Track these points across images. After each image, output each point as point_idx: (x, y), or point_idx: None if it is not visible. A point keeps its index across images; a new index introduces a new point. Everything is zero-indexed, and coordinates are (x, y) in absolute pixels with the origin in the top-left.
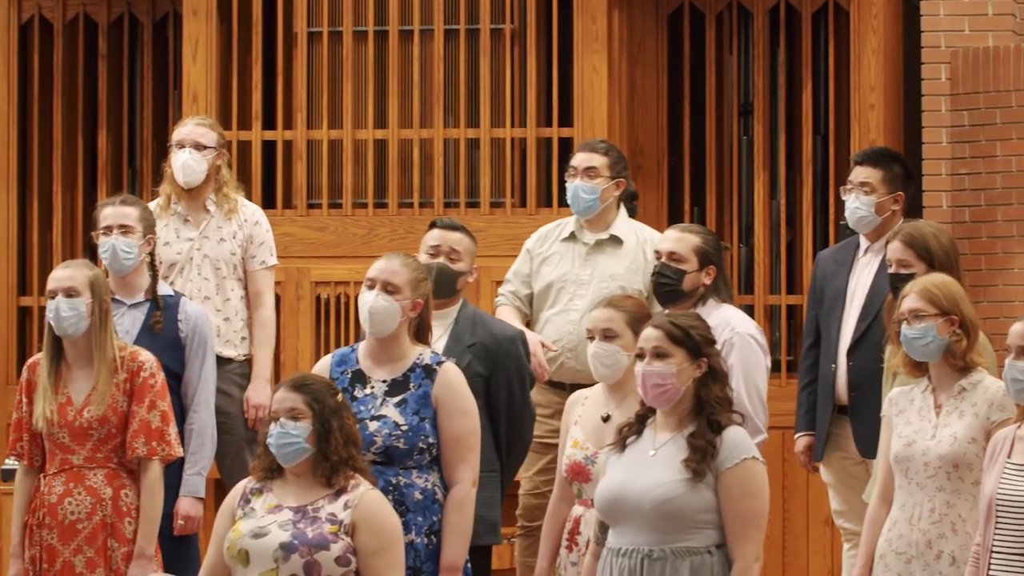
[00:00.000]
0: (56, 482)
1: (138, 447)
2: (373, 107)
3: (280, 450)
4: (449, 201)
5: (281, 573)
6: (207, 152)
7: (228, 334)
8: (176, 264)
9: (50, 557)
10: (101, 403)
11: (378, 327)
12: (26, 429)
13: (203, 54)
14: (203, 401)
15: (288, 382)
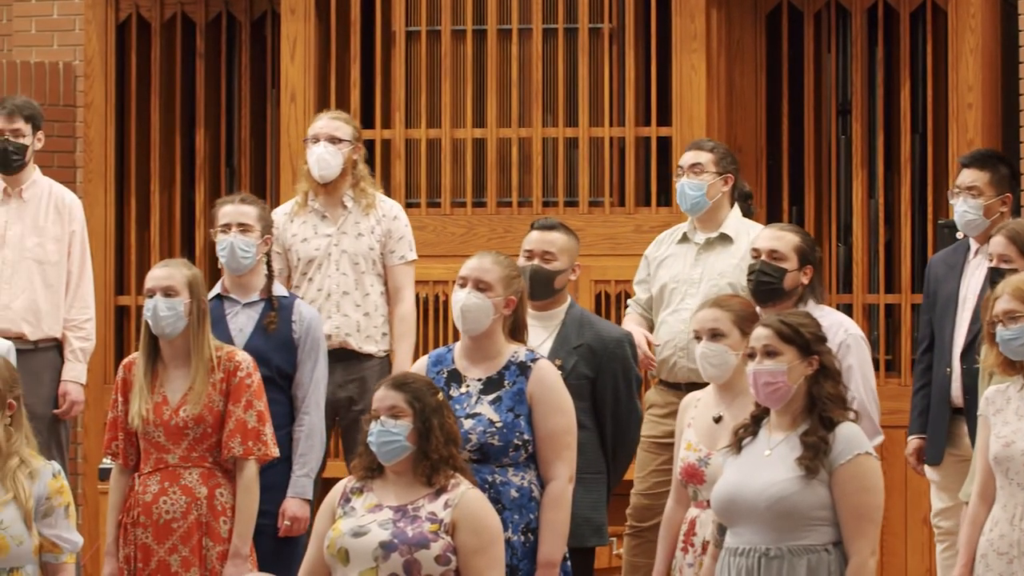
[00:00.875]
0: (151, 481)
1: (234, 447)
2: (472, 106)
3: (381, 448)
4: (548, 200)
5: (381, 572)
6: (342, 146)
7: (368, 330)
8: (314, 260)
9: (145, 556)
10: (197, 402)
11: (471, 325)
12: (121, 428)
13: (301, 53)
14: (314, 403)
15: (389, 380)
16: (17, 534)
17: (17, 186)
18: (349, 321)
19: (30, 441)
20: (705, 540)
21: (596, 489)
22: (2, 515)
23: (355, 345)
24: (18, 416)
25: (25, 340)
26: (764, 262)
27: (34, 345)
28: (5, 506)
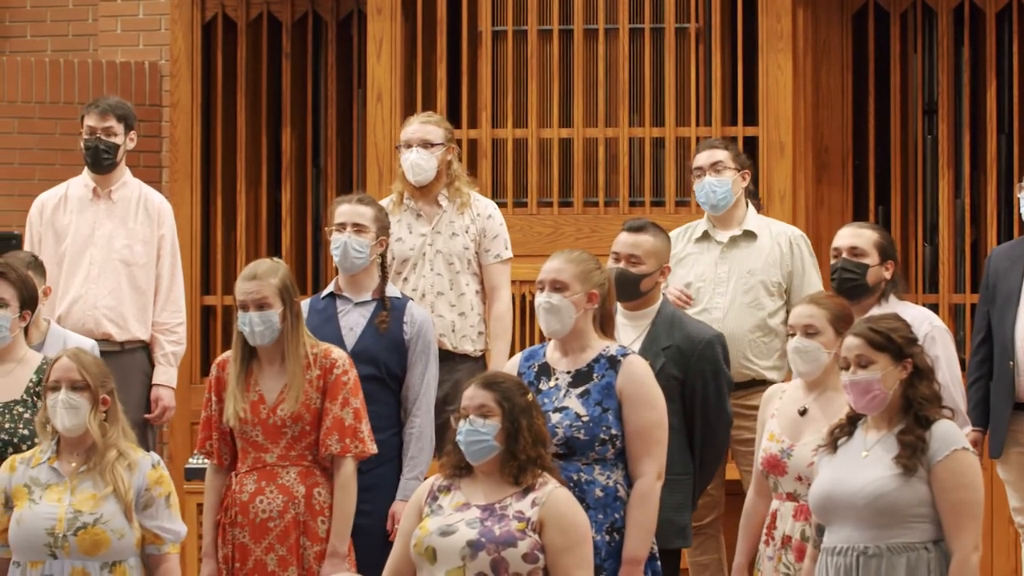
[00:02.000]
0: (248, 480)
1: (331, 444)
2: (558, 106)
3: (468, 447)
4: (634, 200)
5: (468, 571)
6: (435, 149)
7: (464, 329)
8: (409, 260)
9: (242, 556)
10: (295, 400)
11: (553, 326)
12: (215, 427)
13: (387, 53)
14: (424, 406)
15: (478, 379)
16: (118, 527)
17: (107, 187)
18: (444, 321)
19: (127, 434)
20: (785, 534)
21: (681, 490)
22: (101, 509)
23: (450, 345)
24: (113, 410)
25: (111, 341)
26: (846, 259)
27: (120, 346)
28: (104, 500)
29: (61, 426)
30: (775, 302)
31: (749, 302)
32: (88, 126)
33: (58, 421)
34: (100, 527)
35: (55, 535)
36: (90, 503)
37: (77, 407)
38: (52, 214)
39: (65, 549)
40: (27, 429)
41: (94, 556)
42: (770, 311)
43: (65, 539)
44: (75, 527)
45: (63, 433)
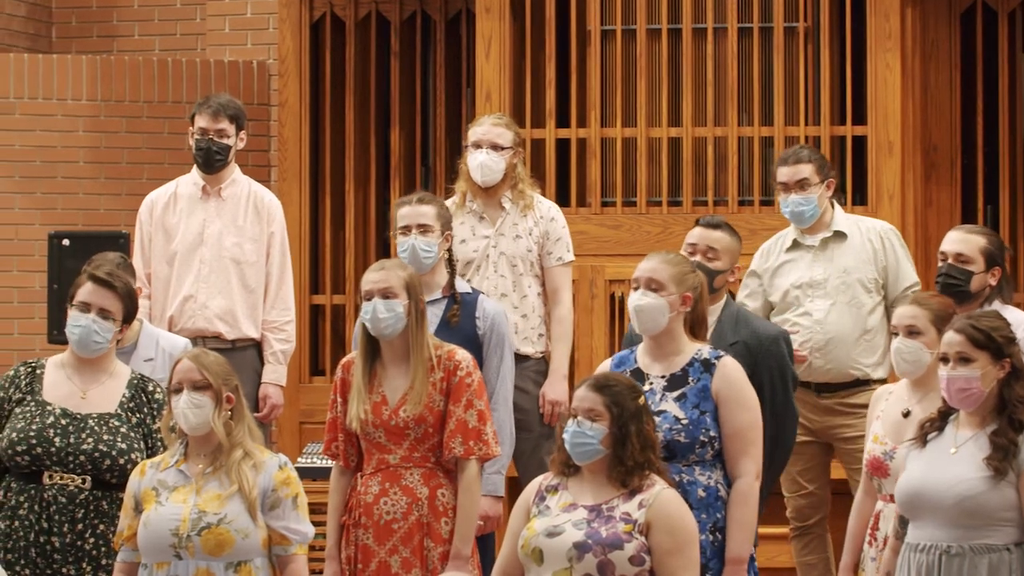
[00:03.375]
0: (372, 482)
1: (455, 447)
2: (667, 105)
3: (574, 449)
4: (743, 199)
5: (575, 572)
6: (504, 152)
7: (525, 331)
8: (472, 262)
9: (365, 557)
10: (418, 403)
11: (646, 325)
12: (341, 429)
13: (496, 52)
14: (501, 399)
15: (591, 381)
16: (242, 527)
17: (217, 185)
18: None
19: (254, 433)
20: (888, 534)
21: None
22: (226, 509)
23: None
24: (239, 409)
25: (222, 340)
26: (951, 265)
27: (231, 345)
28: (229, 499)
29: (186, 426)
30: (873, 299)
31: (848, 301)
32: (200, 127)
33: (183, 422)
34: (224, 527)
35: (179, 535)
36: (215, 503)
37: (201, 406)
38: (162, 213)
39: (189, 549)
40: (124, 443)
41: (218, 556)
42: (869, 308)
43: (189, 539)
44: (199, 527)
45: (189, 433)
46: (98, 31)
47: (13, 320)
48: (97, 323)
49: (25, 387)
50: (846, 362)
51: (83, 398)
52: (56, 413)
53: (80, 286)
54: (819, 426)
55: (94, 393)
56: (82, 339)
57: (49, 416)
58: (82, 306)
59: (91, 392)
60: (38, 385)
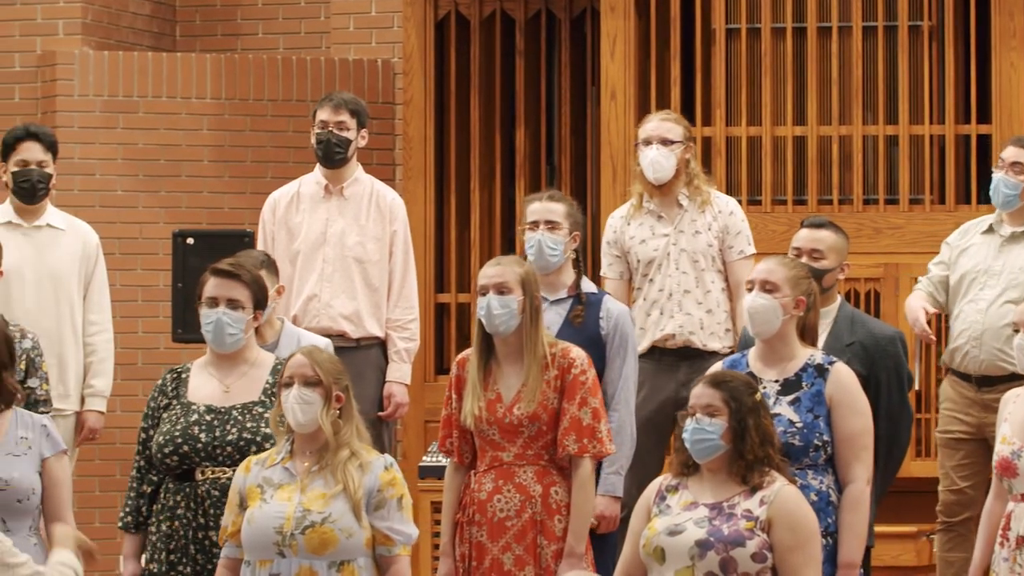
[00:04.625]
0: (486, 479)
1: (569, 444)
2: (792, 104)
3: (694, 446)
4: (868, 198)
5: (697, 571)
6: (675, 147)
7: (711, 327)
8: (654, 261)
9: (479, 555)
10: (532, 400)
11: (760, 327)
12: (455, 426)
13: (621, 50)
14: (623, 400)
15: (707, 378)
16: (346, 527)
17: (339, 183)
18: (692, 319)
19: (361, 434)
20: (1020, 535)
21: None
22: (330, 508)
23: (699, 343)
24: (347, 409)
25: (347, 338)
26: None
27: (356, 343)
28: (334, 499)
29: (294, 421)
30: None
31: (1016, 298)
32: (320, 120)
33: (291, 417)
34: (328, 526)
35: (283, 533)
36: (319, 502)
37: (310, 403)
38: (285, 212)
39: (293, 548)
40: (268, 428)
41: (322, 555)
42: None
43: (293, 537)
44: (303, 525)
45: (296, 429)
46: (222, 29)
47: (137, 319)
48: (228, 315)
49: (171, 392)
50: (995, 354)
51: (226, 392)
52: (200, 411)
53: (204, 283)
54: (977, 422)
55: (237, 385)
56: (216, 334)
57: (193, 414)
58: (210, 301)
59: (234, 385)
60: (183, 388)
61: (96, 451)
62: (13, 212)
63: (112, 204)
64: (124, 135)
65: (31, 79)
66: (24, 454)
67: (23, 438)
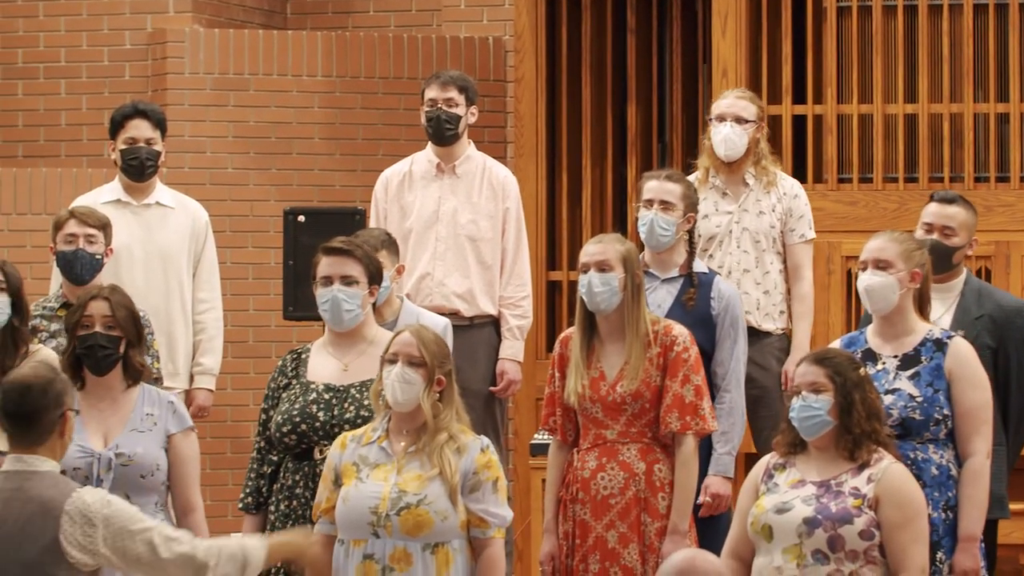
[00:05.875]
0: (589, 457)
1: (671, 422)
2: (903, 81)
3: (802, 423)
4: (979, 175)
5: (805, 548)
6: (748, 126)
7: (767, 307)
8: (715, 237)
9: (583, 532)
10: (634, 378)
11: (878, 304)
12: (559, 404)
13: (732, 28)
14: (735, 380)
15: (810, 356)
16: (441, 509)
17: (450, 161)
18: (749, 299)
19: (461, 417)
20: None
21: (996, 461)
22: (426, 490)
23: (755, 323)
24: (448, 392)
25: (460, 317)
26: None
27: (469, 322)
28: (430, 481)
29: (392, 399)
30: None
31: None
32: (429, 98)
33: (390, 394)
34: (423, 508)
35: (378, 514)
36: (415, 484)
37: (411, 383)
38: (397, 190)
39: (387, 528)
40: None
41: (416, 536)
42: None
43: (388, 518)
44: (398, 507)
45: (394, 407)
46: (333, 7)
47: (248, 296)
48: (343, 291)
49: (291, 372)
50: None
51: (345, 370)
52: (319, 390)
53: (317, 263)
54: None
55: (356, 364)
56: (333, 312)
57: (312, 393)
58: (324, 280)
59: (353, 363)
60: (303, 368)
61: (207, 429)
62: (122, 190)
63: (223, 182)
64: (235, 112)
65: (141, 57)
66: (149, 430)
67: (149, 414)
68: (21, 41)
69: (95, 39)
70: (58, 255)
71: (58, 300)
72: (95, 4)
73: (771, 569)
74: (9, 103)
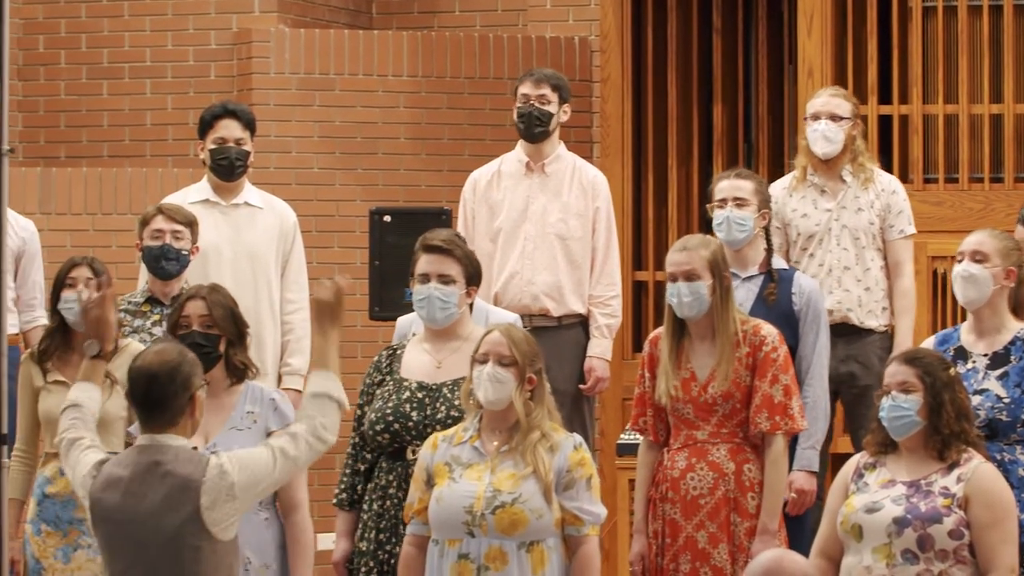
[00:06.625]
0: (679, 457)
1: (761, 422)
2: (988, 81)
3: (892, 423)
4: None
5: (894, 547)
6: (843, 123)
7: (869, 304)
8: (814, 236)
9: (673, 532)
10: (725, 379)
11: (970, 295)
12: (649, 404)
13: (818, 28)
14: (817, 375)
15: (900, 356)
16: (536, 507)
17: (540, 160)
18: (850, 296)
19: (553, 415)
20: None
21: None
22: (521, 489)
23: (856, 320)
24: (539, 390)
25: (548, 316)
26: None
27: (558, 321)
28: (524, 480)
29: (484, 399)
30: None
31: None
32: (522, 94)
33: (481, 394)
34: (518, 506)
35: (473, 513)
36: (510, 482)
37: (503, 382)
38: (485, 190)
39: (483, 528)
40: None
41: (511, 535)
42: None
43: (483, 517)
44: (493, 506)
45: (485, 406)
46: (418, 7)
47: None
48: (439, 290)
49: (385, 368)
50: None
51: (438, 368)
52: (412, 388)
53: (417, 259)
54: None
55: (449, 361)
56: (429, 310)
57: (405, 391)
58: (422, 277)
59: (446, 361)
60: (397, 364)
61: None
62: (211, 190)
63: (308, 181)
64: (320, 112)
65: (227, 57)
66: (248, 428)
67: (249, 412)
68: (106, 41)
69: (180, 39)
70: (144, 250)
71: (143, 295)
72: (180, 4)
73: (860, 568)
74: (94, 103)
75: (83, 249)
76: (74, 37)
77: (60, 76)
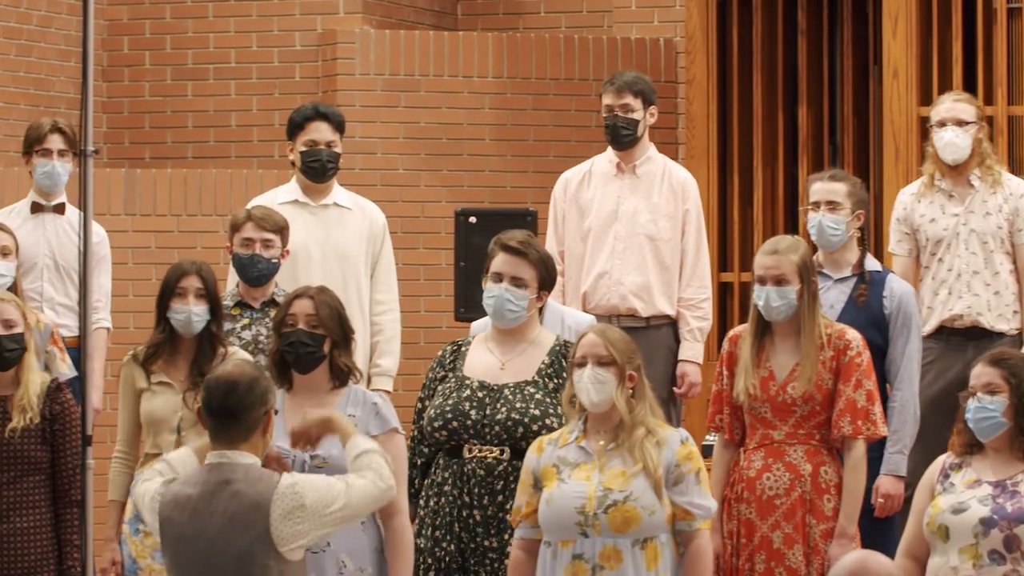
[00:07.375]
0: (755, 456)
1: (843, 426)
2: None
3: (977, 424)
4: None
5: (981, 548)
6: (969, 127)
7: (999, 308)
8: (943, 240)
9: (748, 532)
10: (807, 380)
11: None
12: (726, 402)
13: (903, 29)
14: (907, 379)
15: (986, 357)
16: (648, 504)
17: (631, 162)
18: (980, 300)
19: (655, 411)
20: None
21: None
22: (631, 486)
23: (987, 324)
24: (640, 387)
25: (637, 317)
26: None
27: (646, 322)
28: (634, 477)
29: (587, 401)
30: None
31: None
32: (605, 104)
33: (584, 396)
34: (630, 504)
35: (585, 513)
36: (619, 480)
37: (604, 382)
38: (576, 190)
39: (596, 527)
40: (538, 409)
41: (625, 533)
42: None
43: (596, 517)
44: (605, 505)
45: (590, 409)
46: (504, 8)
47: (420, 298)
48: (510, 291)
49: (448, 365)
50: None
51: (502, 369)
52: (473, 386)
53: (493, 256)
54: None
55: (513, 363)
56: (496, 309)
57: (466, 390)
58: (495, 276)
59: (510, 362)
60: (460, 361)
61: None
62: (300, 191)
63: (394, 183)
64: (406, 113)
65: (312, 58)
66: None
67: (351, 416)
68: (191, 42)
69: (265, 40)
70: (234, 257)
71: (233, 299)
72: (265, 5)
73: (947, 569)
74: (179, 104)
75: (167, 251)
76: (159, 38)
77: (145, 77)
